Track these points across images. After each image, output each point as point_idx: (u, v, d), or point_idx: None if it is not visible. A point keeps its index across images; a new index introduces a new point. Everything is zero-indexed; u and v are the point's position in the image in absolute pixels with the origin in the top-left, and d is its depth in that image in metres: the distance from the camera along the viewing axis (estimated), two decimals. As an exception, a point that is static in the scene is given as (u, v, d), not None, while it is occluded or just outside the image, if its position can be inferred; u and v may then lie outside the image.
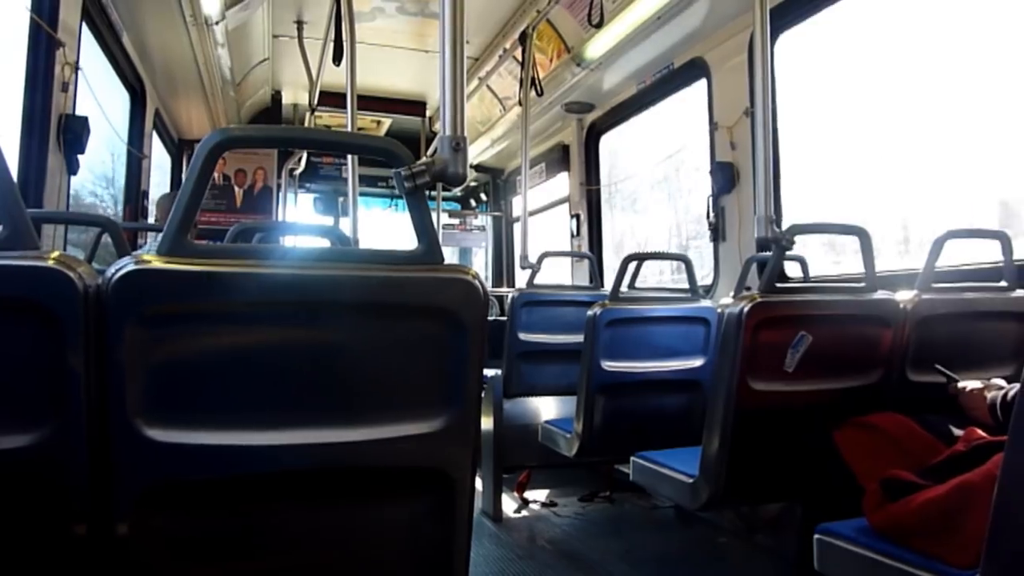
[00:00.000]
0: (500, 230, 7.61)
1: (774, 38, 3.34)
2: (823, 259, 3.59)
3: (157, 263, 1.01)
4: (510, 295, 3.73)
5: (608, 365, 2.82)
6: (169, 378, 1.02)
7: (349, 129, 3.60)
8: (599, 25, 3.30)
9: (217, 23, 3.86)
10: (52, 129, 2.85)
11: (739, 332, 1.92)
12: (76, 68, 3.02)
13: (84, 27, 3.21)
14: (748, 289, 3.33)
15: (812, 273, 3.14)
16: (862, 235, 2.07)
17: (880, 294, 2.09)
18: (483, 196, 7.90)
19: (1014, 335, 2.28)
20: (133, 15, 3.79)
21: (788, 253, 2.15)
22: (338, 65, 3.53)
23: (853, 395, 2.05)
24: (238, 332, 1.05)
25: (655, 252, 4.17)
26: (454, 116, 1.20)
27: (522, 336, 3.65)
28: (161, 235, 1.02)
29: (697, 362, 2.93)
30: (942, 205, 3.18)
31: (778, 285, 2.03)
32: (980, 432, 1.67)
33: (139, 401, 1.00)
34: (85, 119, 2.99)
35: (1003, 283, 2.27)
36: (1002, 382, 1.88)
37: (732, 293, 3.13)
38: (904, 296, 2.14)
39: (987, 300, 2.23)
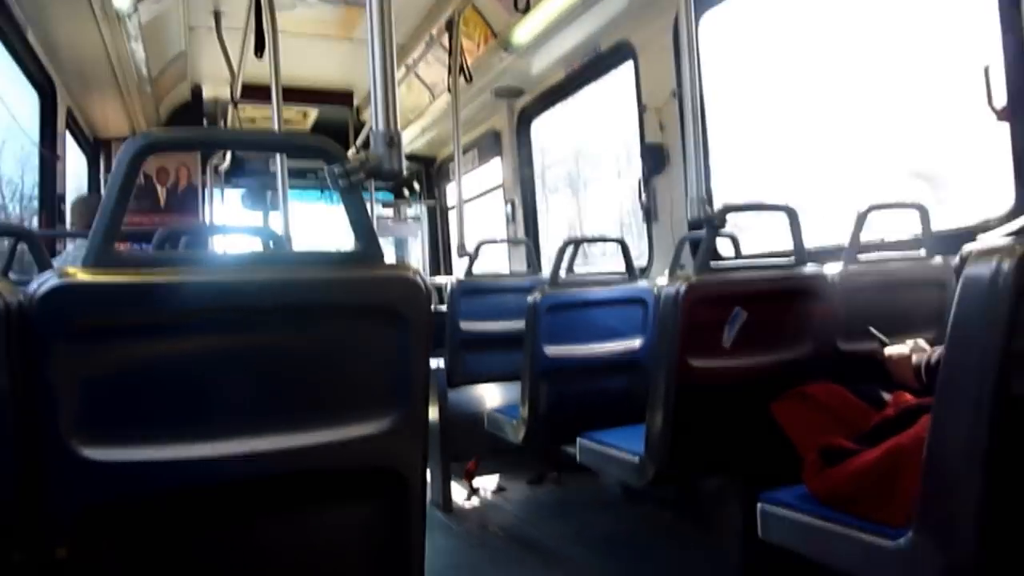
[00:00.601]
0: (435, 219, 7.56)
1: (698, 17, 3.39)
2: (757, 237, 3.69)
3: (83, 276, 0.96)
4: (449, 284, 3.72)
5: (550, 350, 2.85)
6: (103, 394, 0.98)
7: (275, 123, 3.51)
8: (526, 10, 3.29)
9: (129, 16, 3.71)
10: None
11: (676, 312, 1.96)
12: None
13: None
14: (682, 268, 3.40)
15: (745, 251, 3.23)
16: (790, 213, 2.13)
17: (809, 268, 2.16)
18: (416, 185, 7.83)
19: (934, 300, 2.39)
20: (38, 9, 3.61)
21: (720, 231, 2.19)
22: (260, 57, 3.44)
23: (789, 367, 2.11)
24: (172, 343, 1.01)
25: (590, 236, 4.21)
26: (386, 110, 1.18)
27: (463, 325, 3.64)
28: (84, 243, 0.98)
29: (636, 342, 2.98)
30: (867, 179, 3.30)
31: (712, 264, 2.07)
32: (908, 396, 1.75)
33: (73, 420, 0.96)
34: None
35: (922, 252, 2.38)
36: (925, 344, 1.96)
37: (667, 273, 3.19)
38: (832, 268, 2.21)
39: (908, 269, 2.33)
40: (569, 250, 3.16)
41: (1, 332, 0.93)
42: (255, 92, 5.67)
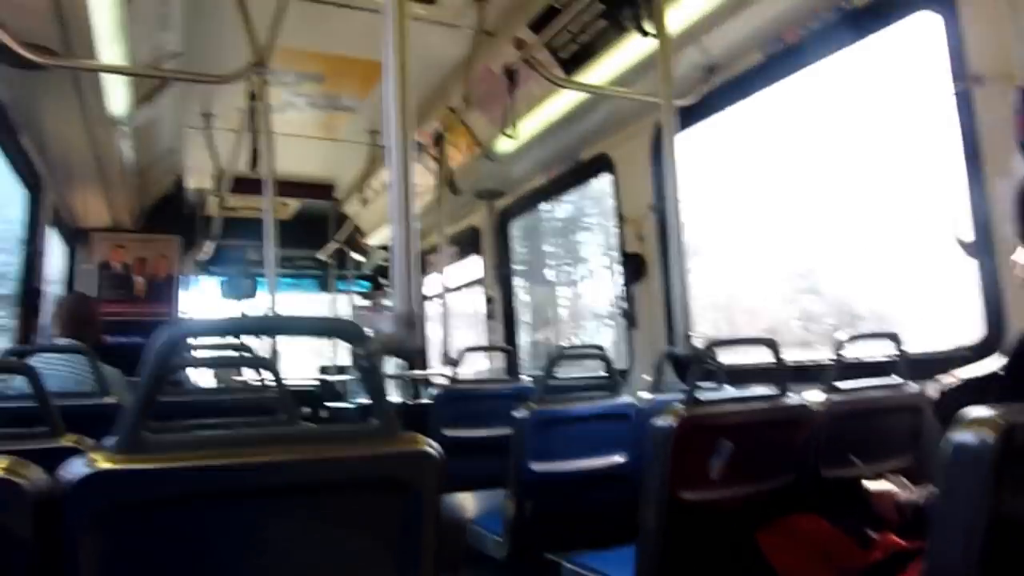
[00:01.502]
0: (412, 309, 7.61)
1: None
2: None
3: (116, 464, 0.98)
4: (434, 392, 3.73)
5: (536, 466, 2.85)
6: (128, 572, 0.99)
7: (267, 219, 3.53)
8: (514, 137, 3.45)
9: (123, 123, 3.79)
10: None
11: (667, 448, 2.00)
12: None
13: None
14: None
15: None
16: (772, 345, 2.21)
17: (792, 399, 2.22)
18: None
19: (908, 425, 2.47)
20: (34, 114, 3.67)
21: (706, 364, 2.26)
22: (255, 169, 3.53)
23: (775, 496, 2.15)
24: (197, 525, 1.03)
25: (575, 346, 4.28)
26: (406, 292, 1.24)
27: (446, 432, 3.63)
28: (117, 432, 1.00)
29: (620, 457, 3.00)
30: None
31: (699, 395, 2.12)
32: (895, 538, 1.80)
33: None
34: None
35: (897, 379, 2.46)
36: (902, 480, 2.02)
37: (650, 386, 3.25)
38: (813, 397, 2.28)
39: (885, 396, 2.41)
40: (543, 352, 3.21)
41: (27, 519, 0.95)
42: (239, 184, 5.79)
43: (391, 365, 4.44)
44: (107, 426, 2.06)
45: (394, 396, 5.52)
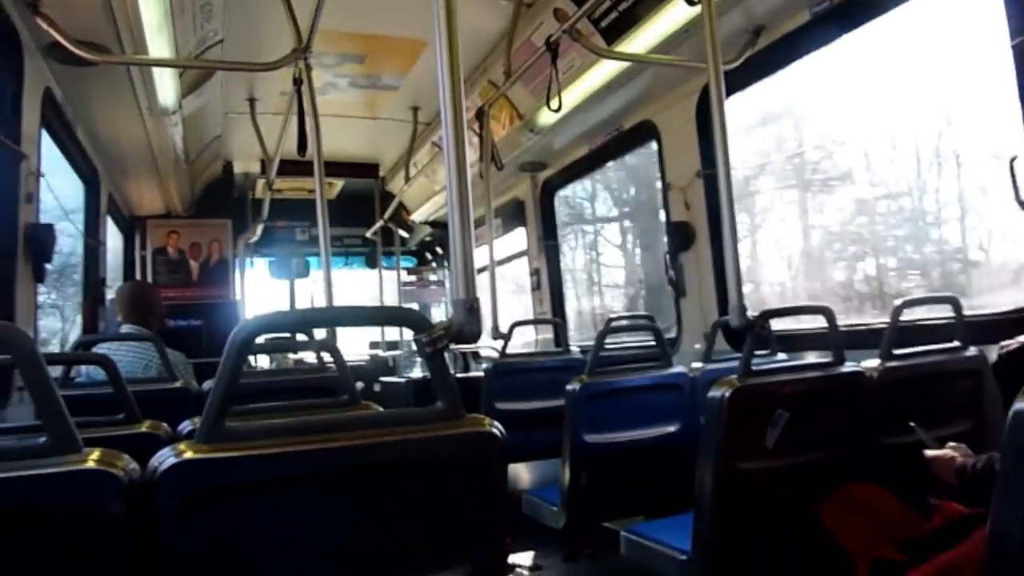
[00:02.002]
0: (458, 283, 7.68)
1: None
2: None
3: (199, 453, 1.05)
4: (484, 366, 3.79)
5: (590, 437, 2.90)
6: (214, 562, 1.05)
7: (318, 201, 3.57)
8: (558, 110, 3.43)
9: (173, 112, 3.88)
10: (19, 240, 2.83)
11: (722, 418, 2.01)
12: (39, 176, 3.01)
13: (42, 131, 3.21)
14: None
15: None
16: (827, 313, 2.19)
17: (848, 367, 2.21)
18: (439, 250, 7.98)
19: (969, 391, 2.43)
20: (88, 109, 3.79)
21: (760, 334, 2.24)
22: (303, 155, 3.58)
23: (831, 465, 2.15)
24: (278, 508, 1.09)
25: (623, 317, 4.28)
26: (466, 280, 1.27)
27: (499, 405, 3.69)
28: (200, 418, 1.06)
29: (673, 427, 3.02)
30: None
31: (753, 366, 2.12)
32: (956, 505, 1.79)
33: (190, 581, 1.04)
34: (51, 227, 2.98)
35: (955, 343, 2.43)
36: (964, 448, 2.00)
37: (701, 356, 3.24)
38: (869, 365, 2.26)
39: (943, 361, 2.38)
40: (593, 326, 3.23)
41: (121, 505, 1.01)
42: (285, 166, 5.88)
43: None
44: (179, 410, 2.16)
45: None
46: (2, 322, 0.99)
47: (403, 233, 7.57)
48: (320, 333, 3.33)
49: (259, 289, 7.15)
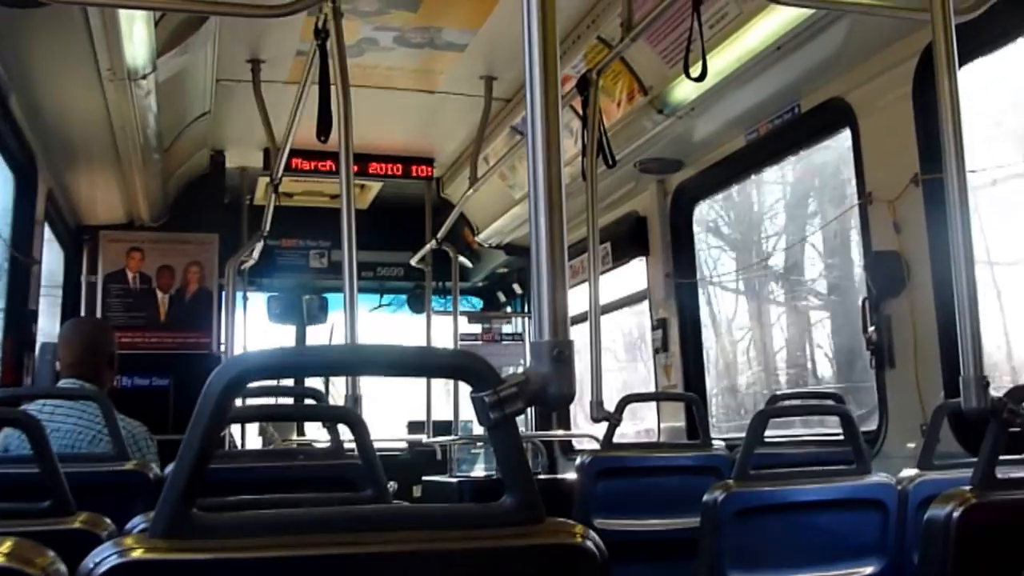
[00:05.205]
0: (545, 338, 7.69)
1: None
2: None
3: (153, 553, 1.06)
4: (578, 461, 3.76)
5: (738, 576, 2.83)
6: None
7: (344, 203, 3.60)
8: (700, 78, 3.42)
9: (144, 76, 4.04)
10: None
11: (947, 550, 1.94)
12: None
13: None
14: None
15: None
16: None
17: None
18: (516, 288, 8.01)
19: None
20: (26, 71, 3.98)
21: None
22: (324, 141, 3.67)
23: None
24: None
25: (793, 395, 4.20)
26: (554, 316, 1.26)
27: (598, 521, 3.64)
28: (155, 508, 1.08)
29: (871, 566, 2.92)
30: None
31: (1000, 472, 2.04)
32: None
33: None
34: None
35: None
36: None
37: (918, 457, 3.13)
38: None
39: None
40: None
41: None
42: (297, 158, 6.04)
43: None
44: (130, 501, 2.21)
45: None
46: None
47: (465, 261, 7.65)
48: (338, 401, 3.37)
49: (255, 337, 7.32)
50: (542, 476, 6.12)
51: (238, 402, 3.05)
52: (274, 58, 5.21)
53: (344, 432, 2.77)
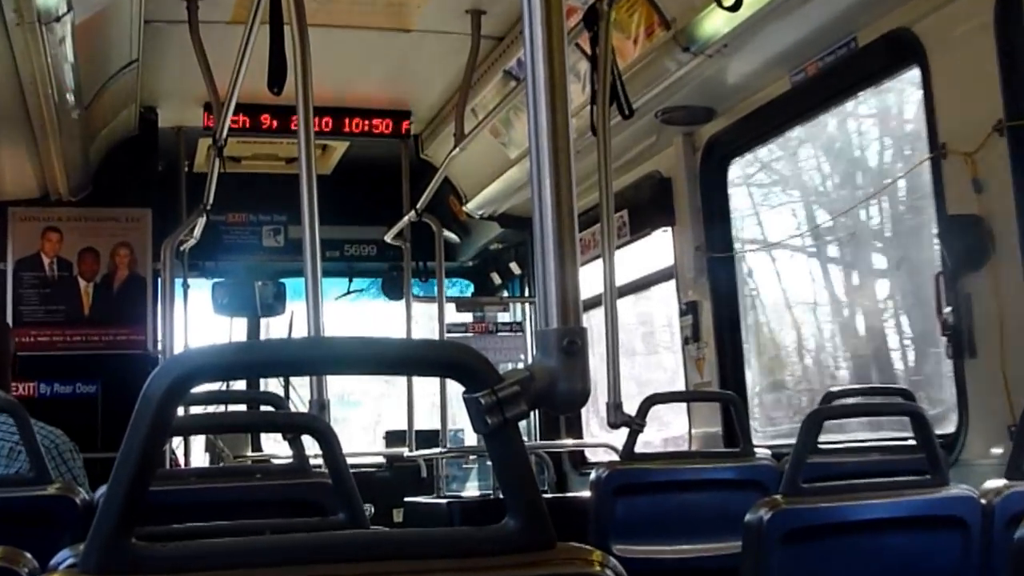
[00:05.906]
0: (546, 325, 7.70)
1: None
2: None
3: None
4: (593, 476, 3.77)
5: (789, 611, 2.84)
6: None
7: (303, 165, 3.59)
8: (735, 7, 3.42)
9: (59, 19, 4.03)
10: None
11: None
12: None
13: None
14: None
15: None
16: None
17: None
18: (514, 267, 8.01)
19: None
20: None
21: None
22: (278, 92, 3.66)
23: None
24: None
25: (851, 391, 4.21)
26: (563, 300, 1.26)
27: (617, 547, 3.66)
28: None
29: (950, 595, 2.94)
30: None
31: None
32: None
33: None
34: None
35: None
36: None
37: (1005, 466, 3.15)
38: None
39: None
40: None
41: None
42: (245, 114, 6.02)
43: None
44: (53, 532, 2.20)
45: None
46: None
47: (451, 236, 7.64)
48: (301, 408, 3.37)
49: (199, 332, 7.31)
50: (549, 495, 6.12)
51: (180, 412, 3.07)
52: (215, -3, 5.21)
53: (310, 445, 2.78)
